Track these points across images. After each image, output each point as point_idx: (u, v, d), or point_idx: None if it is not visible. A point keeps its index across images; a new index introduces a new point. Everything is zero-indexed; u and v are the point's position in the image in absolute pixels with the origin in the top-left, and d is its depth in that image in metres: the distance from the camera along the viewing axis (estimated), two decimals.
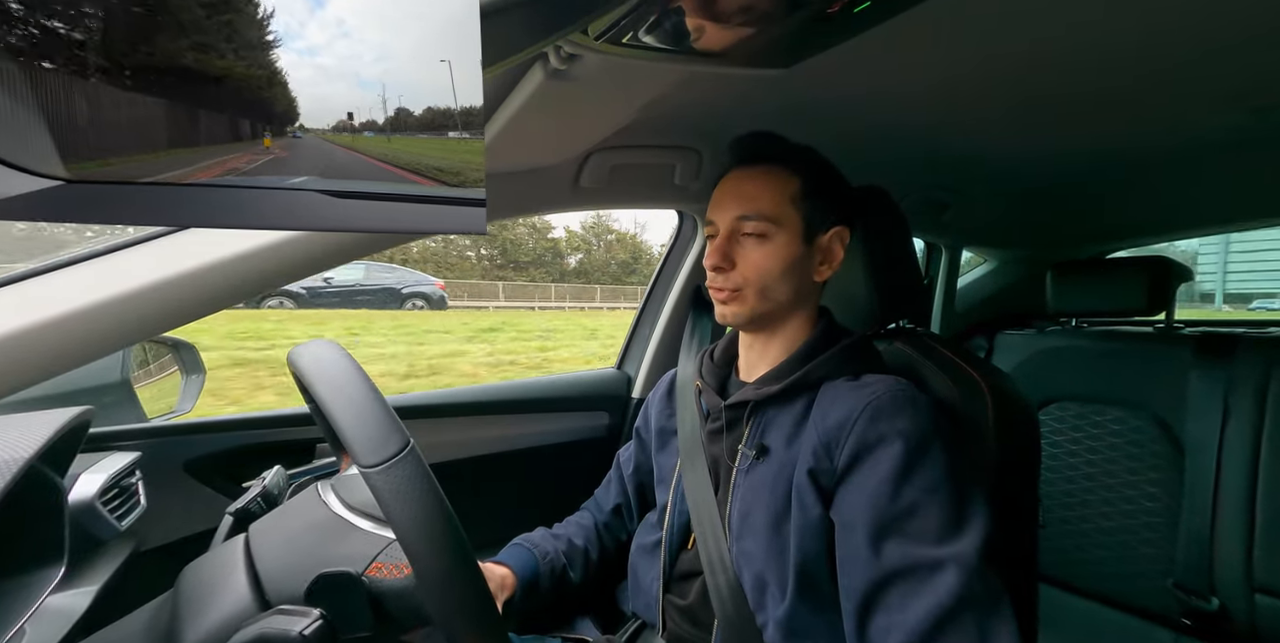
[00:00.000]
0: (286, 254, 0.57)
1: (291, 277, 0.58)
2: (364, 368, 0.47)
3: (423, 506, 0.41)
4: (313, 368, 0.47)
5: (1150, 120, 0.92)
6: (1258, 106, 0.83)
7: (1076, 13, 0.60)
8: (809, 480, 0.56)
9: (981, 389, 0.62)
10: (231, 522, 0.60)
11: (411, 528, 0.40)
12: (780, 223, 0.60)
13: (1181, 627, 1.12)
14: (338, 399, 0.44)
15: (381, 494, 0.40)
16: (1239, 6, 0.58)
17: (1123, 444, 1.22)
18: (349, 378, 0.45)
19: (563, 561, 0.75)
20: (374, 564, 0.48)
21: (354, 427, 0.42)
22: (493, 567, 0.70)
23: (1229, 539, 1.05)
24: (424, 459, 0.43)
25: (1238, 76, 0.75)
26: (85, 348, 0.51)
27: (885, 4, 0.49)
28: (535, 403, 1.10)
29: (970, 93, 0.80)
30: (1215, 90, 0.79)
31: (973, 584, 0.47)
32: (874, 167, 1.03)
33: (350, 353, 0.48)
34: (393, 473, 0.41)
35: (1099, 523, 1.24)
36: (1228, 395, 1.09)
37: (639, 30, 0.46)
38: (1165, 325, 1.33)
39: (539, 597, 0.72)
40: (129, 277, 0.52)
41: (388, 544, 0.49)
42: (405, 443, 0.42)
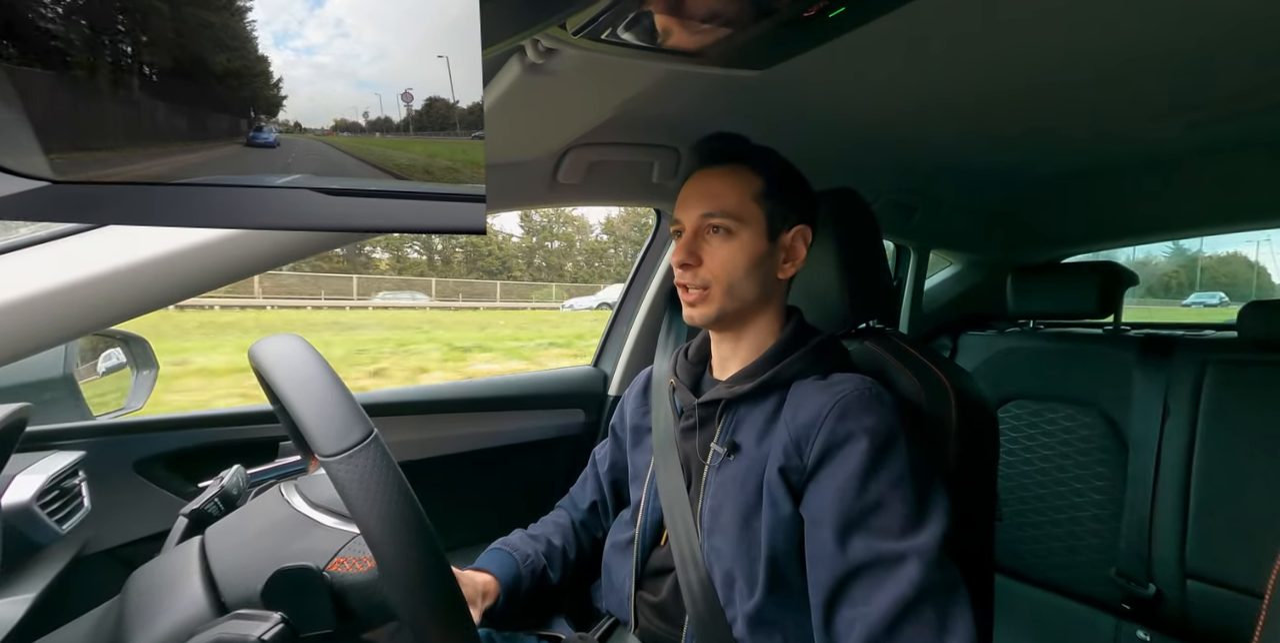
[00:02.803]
0: (239, 249, 0.55)
1: (243, 273, 0.56)
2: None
3: (386, 495, 0.39)
4: (272, 360, 0.45)
5: (1103, 133, 0.98)
6: (1192, 122, 0.89)
7: (1041, 31, 0.62)
8: (780, 478, 0.57)
9: (946, 389, 0.64)
10: (186, 524, 0.57)
11: (374, 518, 0.39)
12: (744, 220, 0.61)
13: (1122, 612, 1.20)
14: (297, 388, 0.42)
15: (343, 484, 0.39)
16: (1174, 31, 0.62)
17: (1073, 440, 1.29)
18: (309, 367, 0.44)
19: (542, 562, 0.75)
20: (336, 559, 0.47)
21: (313, 415, 0.41)
22: (474, 574, 0.70)
23: (1165, 530, 1.13)
24: (388, 449, 0.42)
25: (1174, 94, 0.80)
26: (21, 341, 0.48)
27: (859, 11, 0.50)
28: (510, 400, 1.08)
29: (938, 101, 0.83)
30: (1157, 107, 0.84)
31: (932, 575, 0.49)
32: (847, 169, 1.06)
33: (313, 346, 0.47)
34: (354, 462, 0.39)
35: (1051, 516, 1.31)
36: (1167, 394, 1.16)
37: (617, 27, 0.46)
38: (1113, 327, 1.40)
39: (522, 600, 0.72)
40: (72, 266, 0.49)
41: (351, 539, 0.48)
42: (368, 432, 0.41)
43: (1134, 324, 1.45)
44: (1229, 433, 1.09)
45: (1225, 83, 0.76)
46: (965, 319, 1.70)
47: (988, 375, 1.43)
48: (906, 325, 1.61)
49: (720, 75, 0.60)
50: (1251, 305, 1.10)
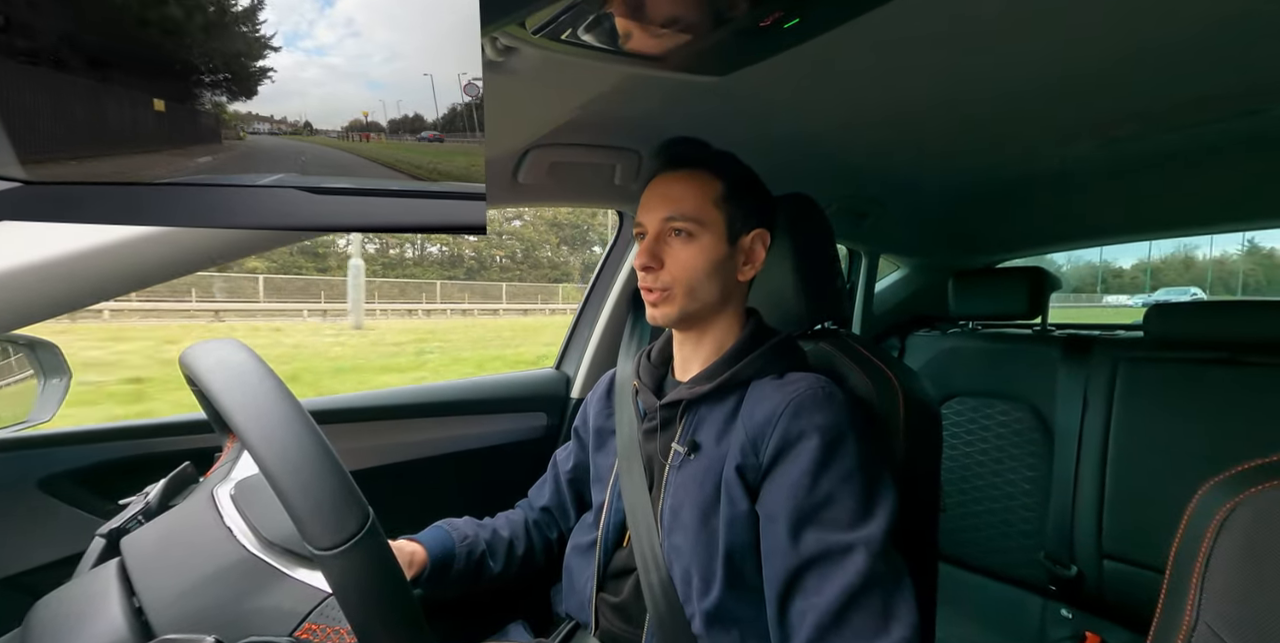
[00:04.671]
0: (159, 249, 0.50)
1: (159, 277, 0.52)
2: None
3: (390, 597, 0.35)
4: (233, 394, 0.39)
5: (1032, 148, 1.06)
6: (1108, 139, 0.98)
7: (980, 51, 0.67)
8: (737, 476, 0.58)
9: (895, 388, 0.68)
10: (104, 545, 0.52)
11: (374, 622, 0.35)
12: (704, 224, 0.62)
13: (1048, 593, 1.29)
14: (276, 457, 0.36)
15: (338, 582, 0.35)
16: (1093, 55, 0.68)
17: (1008, 434, 1.38)
18: (287, 426, 0.37)
19: (482, 547, 0.73)
20: (306, 625, 0.42)
21: (302, 501, 0.35)
22: (403, 544, 0.68)
23: (1085, 514, 1.23)
24: (382, 532, 0.37)
25: (1094, 114, 0.87)
26: None
27: (812, 23, 0.52)
28: (471, 404, 1.06)
29: (886, 112, 0.87)
30: (1079, 124, 0.92)
31: (879, 565, 0.51)
32: (802, 175, 1.10)
33: (261, 357, 0.43)
34: (350, 556, 0.35)
35: (988, 505, 1.39)
36: (1087, 389, 1.27)
37: (577, 28, 0.45)
38: (1040, 328, 1.52)
39: (452, 580, 0.70)
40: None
41: (321, 600, 0.43)
42: (365, 517, 0.36)
43: (1059, 325, 1.57)
44: (1138, 424, 1.20)
45: (1136, 104, 0.84)
46: (913, 320, 1.79)
47: (932, 374, 1.52)
48: (859, 327, 1.68)
49: (681, 80, 0.61)
50: (1155, 308, 1.21)
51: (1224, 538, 0.42)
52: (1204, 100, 0.82)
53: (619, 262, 1.18)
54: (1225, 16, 0.60)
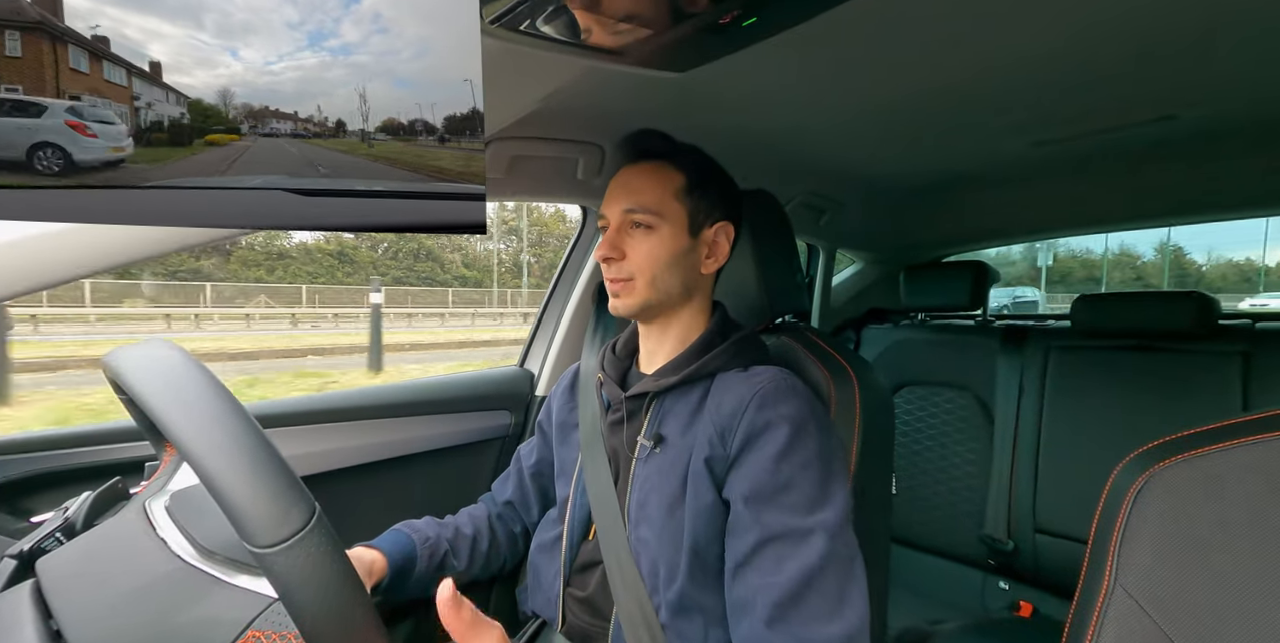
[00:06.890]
0: (94, 241, 0.47)
1: (100, 268, 0.48)
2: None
3: (337, 593, 0.33)
4: (164, 396, 0.36)
5: (975, 147, 1.12)
6: (1039, 140, 1.05)
7: (936, 52, 0.70)
8: (704, 467, 0.59)
9: (851, 378, 0.70)
10: (15, 566, 0.46)
11: (324, 620, 0.33)
12: (664, 216, 0.63)
13: (988, 567, 1.39)
14: (209, 451, 0.33)
15: (284, 582, 0.33)
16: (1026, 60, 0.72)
17: (954, 420, 1.47)
18: (220, 420, 0.35)
19: (444, 546, 0.72)
20: (250, 633, 0.39)
21: (241, 496, 0.33)
22: (362, 551, 0.66)
23: (1022, 492, 1.32)
24: (330, 526, 0.35)
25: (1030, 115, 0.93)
26: None
27: (769, 22, 0.53)
28: (432, 404, 1.03)
29: (841, 111, 0.90)
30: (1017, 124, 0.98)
31: (835, 548, 0.54)
32: (762, 171, 1.12)
33: (197, 358, 0.39)
34: (295, 552, 0.32)
35: (935, 488, 1.48)
36: (1022, 375, 1.36)
37: (536, 19, 0.45)
38: (981, 319, 1.61)
39: (414, 583, 0.68)
40: None
41: (267, 606, 0.40)
42: (310, 511, 0.34)
43: (998, 316, 1.68)
44: (1066, 407, 1.30)
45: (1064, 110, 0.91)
46: (868, 313, 1.86)
47: (886, 364, 1.59)
48: (817, 320, 1.74)
49: (641, 75, 0.60)
50: (1080, 300, 1.31)
51: (1137, 509, 0.46)
52: (1124, 108, 0.89)
53: (582, 258, 1.17)
54: (1145, 32, 0.65)
